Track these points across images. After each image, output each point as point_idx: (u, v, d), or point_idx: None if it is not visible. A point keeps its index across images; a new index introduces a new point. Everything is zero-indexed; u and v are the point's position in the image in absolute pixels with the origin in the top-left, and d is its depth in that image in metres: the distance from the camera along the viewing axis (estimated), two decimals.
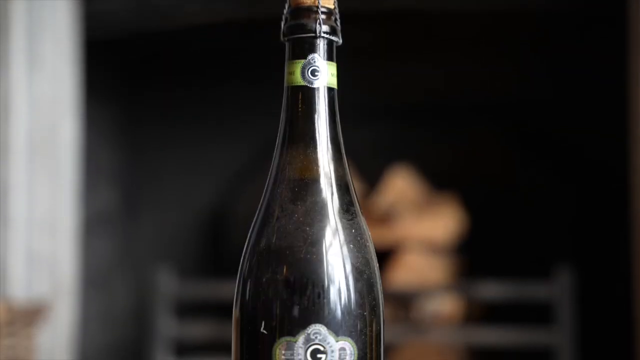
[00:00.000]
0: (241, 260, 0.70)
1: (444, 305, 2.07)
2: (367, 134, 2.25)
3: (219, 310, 1.96)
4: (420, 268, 2.11)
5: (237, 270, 0.70)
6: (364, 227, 0.71)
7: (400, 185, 2.19)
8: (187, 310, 2.16)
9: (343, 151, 0.71)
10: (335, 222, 0.69)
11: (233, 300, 0.70)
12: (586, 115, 2.15)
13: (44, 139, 2.00)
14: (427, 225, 2.15)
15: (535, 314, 1.96)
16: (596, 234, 2.16)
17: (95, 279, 2.24)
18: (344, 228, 0.69)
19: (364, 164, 2.05)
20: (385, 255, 2.10)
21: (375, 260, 0.70)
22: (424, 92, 2.29)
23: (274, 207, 0.69)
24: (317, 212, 0.69)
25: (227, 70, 2.35)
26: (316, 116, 0.70)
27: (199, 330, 2.09)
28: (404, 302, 2.07)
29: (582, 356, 1.93)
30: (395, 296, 2.04)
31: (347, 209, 0.70)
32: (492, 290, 1.96)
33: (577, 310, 1.92)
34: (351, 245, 0.68)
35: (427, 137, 2.31)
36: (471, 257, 2.20)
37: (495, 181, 2.25)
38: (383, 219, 2.14)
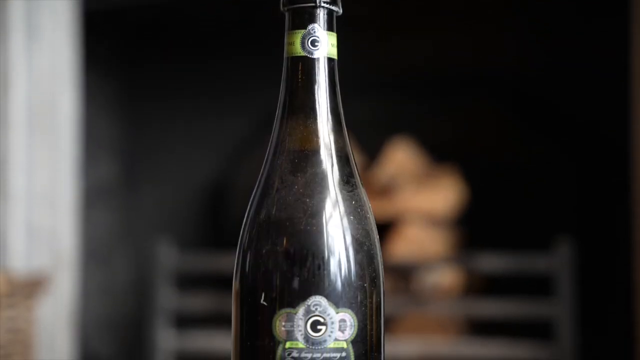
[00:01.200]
0: (241, 232, 0.70)
1: (444, 278, 2.08)
2: (367, 107, 2.24)
3: (219, 282, 1.96)
4: (420, 240, 2.11)
5: (237, 242, 0.70)
6: (364, 198, 0.70)
7: (400, 158, 2.18)
8: (188, 282, 2.16)
9: (343, 122, 0.71)
10: (336, 194, 0.68)
11: (233, 273, 0.70)
12: (587, 87, 2.15)
13: (43, 111, 2.00)
14: (427, 198, 2.14)
15: (536, 286, 1.96)
16: (597, 207, 2.16)
17: (95, 252, 2.25)
18: (344, 199, 0.69)
19: (363, 136, 2.05)
20: (385, 228, 2.10)
21: (376, 231, 0.70)
22: (424, 64, 2.28)
23: (274, 178, 0.69)
24: (317, 183, 0.68)
25: (227, 42, 2.34)
26: (316, 87, 0.70)
27: (199, 302, 2.09)
28: (403, 275, 2.07)
29: (582, 328, 1.94)
30: (395, 268, 2.05)
31: (347, 180, 0.70)
32: (492, 262, 1.96)
33: (577, 283, 1.92)
34: (351, 217, 0.68)
35: (426, 110, 2.31)
36: (471, 229, 2.20)
37: (496, 153, 2.24)
38: (383, 191, 2.14)
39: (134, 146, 2.37)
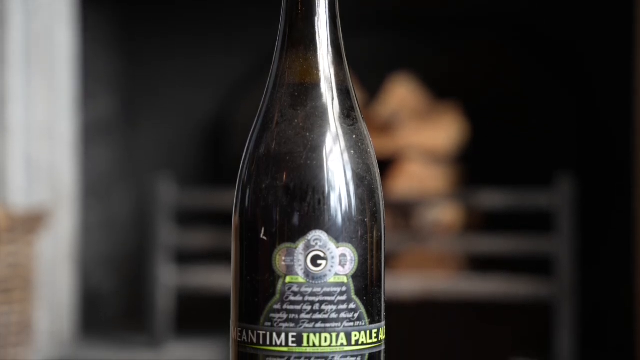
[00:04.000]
0: (240, 167, 0.70)
1: (445, 214, 2.08)
2: (368, 43, 2.22)
3: (220, 218, 1.96)
4: (421, 177, 2.11)
5: (237, 178, 0.69)
6: (365, 132, 0.70)
7: (401, 94, 2.17)
8: (188, 218, 2.16)
9: (344, 55, 0.70)
10: (336, 128, 0.68)
11: (232, 208, 0.69)
12: (588, 20, 2.12)
13: (40, 46, 1.98)
14: (428, 134, 2.14)
15: (536, 222, 1.96)
16: (598, 142, 2.15)
17: (95, 188, 2.24)
18: (344, 133, 0.68)
19: (364, 73, 2.03)
20: (386, 165, 2.10)
21: (377, 166, 0.70)
22: None
23: (274, 112, 0.69)
24: (317, 117, 0.68)
25: None
26: (316, 18, 0.69)
27: (200, 238, 2.09)
28: (404, 211, 2.07)
29: (582, 265, 1.94)
30: (396, 205, 2.05)
31: (348, 114, 0.69)
32: (492, 198, 1.96)
33: (577, 219, 1.92)
34: (352, 151, 0.68)
35: (428, 45, 2.29)
36: (472, 165, 2.19)
37: (497, 89, 2.23)
38: (384, 127, 2.13)
39: (133, 82, 2.36)
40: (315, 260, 0.65)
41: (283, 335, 0.65)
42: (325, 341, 0.65)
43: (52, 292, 2.04)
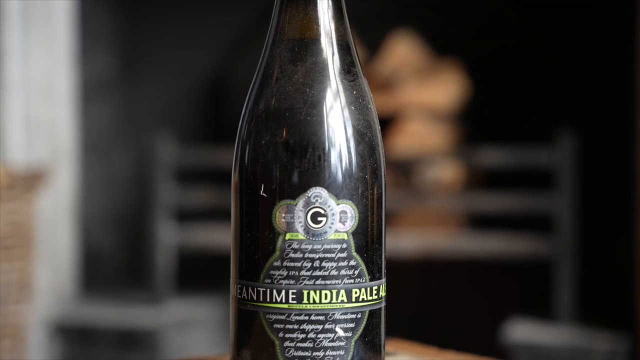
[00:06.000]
0: (239, 124, 0.69)
1: (445, 172, 2.07)
2: None
3: (220, 176, 1.95)
4: (422, 135, 2.10)
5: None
6: (366, 88, 0.69)
7: (402, 51, 2.16)
8: (188, 176, 2.16)
9: (344, 10, 0.69)
10: (336, 83, 0.67)
11: (232, 165, 0.69)
12: None
13: (37, 1, 1.97)
14: (429, 92, 2.13)
15: (537, 179, 1.96)
16: (599, 99, 2.14)
17: (94, 145, 2.24)
18: (345, 89, 0.67)
19: (364, 30, 2.02)
20: (387, 122, 2.09)
21: (377, 122, 0.69)
22: None
23: (273, 68, 0.68)
24: (317, 72, 0.67)
25: None
26: None
27: (200, 196, 2.09)
28: (404, 169, 2.06)
29: (582, 222, 1.94)
30: (396, 163, 2.04)
31: (348, 69, 0.68)
32: (493, 156, 1.96)
33: (578, 176, 1.92)
34: (352, 107, 0.67)
35: (429, 2, 2.27)
36: (473, 123, 2.18)
37: (498, 46, 2.22)
38: (384, 85, 2.12)
39: (132, 40, 2.34)
40: (315, 217, 0.65)
41: (283, 292, 0.65)
42: (326, 298, 0.65)
43: (53, 249, 2.04)
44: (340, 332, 0.65)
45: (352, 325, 0.66)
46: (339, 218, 0.65)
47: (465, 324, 2.17)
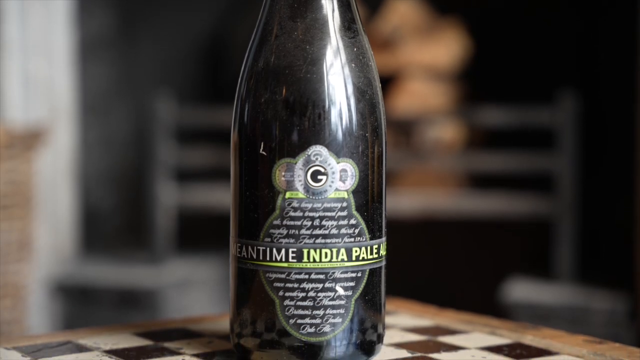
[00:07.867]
0: (239, 82, 0.68)
1: (446, 132, 2.07)
2: None
3: (220, 136, 1.95)
4: (423, 94, 2.09)
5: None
6: (367, 45, 0.68)
7: (403, 10, 2.14)
8: (187, 136, 2.15)
9: None
10: (337, 40, 0.66)
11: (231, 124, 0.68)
12: None
13: None
14: (430, 51, 2.11)
15: (538, 139, 1.95)
16: (600, 59, 2.13)
17: (93, 105, 2.23)
18: (345, 46, 0.66)
19: None
20: (387, 82, 2.08)
21: (378, 80, 0.68)
22: None
23: (272, 24, 0.67)
24: (317, 29, 0.66)
25: None
26: None
27: (199, 156, 2.09)
28: (405, 129, 2.06)
29: (583, 182, 1.94)
30: (397, 123, 2.03)
31: (348, 26, 0.67)
32: (494, 115, 1.95)
33: (579, 136, 1.91)
34: (353, 65, 0.66)
35: None
36: (474, 82, 2.17)
37: (499, 5, 2.20)
38: (385, 44, 2.10)
39: None
40: (315, 176, 0.64)
41: (283, 251, 0.65)
42: (326, 257, 0.65)
43: (53, 208, 2.04)
44: (341, 291, 0.65)
45: (352, 284, 0.66)
46: (339, 176, 0.65)
47: (465, 283, 2.17)
